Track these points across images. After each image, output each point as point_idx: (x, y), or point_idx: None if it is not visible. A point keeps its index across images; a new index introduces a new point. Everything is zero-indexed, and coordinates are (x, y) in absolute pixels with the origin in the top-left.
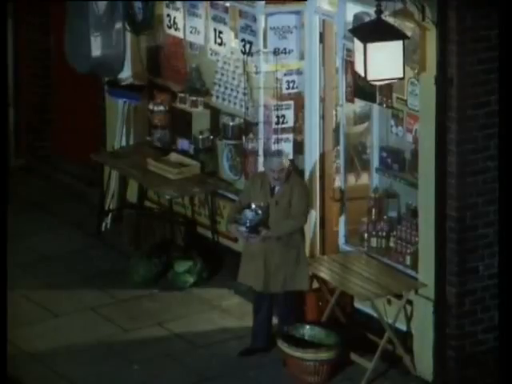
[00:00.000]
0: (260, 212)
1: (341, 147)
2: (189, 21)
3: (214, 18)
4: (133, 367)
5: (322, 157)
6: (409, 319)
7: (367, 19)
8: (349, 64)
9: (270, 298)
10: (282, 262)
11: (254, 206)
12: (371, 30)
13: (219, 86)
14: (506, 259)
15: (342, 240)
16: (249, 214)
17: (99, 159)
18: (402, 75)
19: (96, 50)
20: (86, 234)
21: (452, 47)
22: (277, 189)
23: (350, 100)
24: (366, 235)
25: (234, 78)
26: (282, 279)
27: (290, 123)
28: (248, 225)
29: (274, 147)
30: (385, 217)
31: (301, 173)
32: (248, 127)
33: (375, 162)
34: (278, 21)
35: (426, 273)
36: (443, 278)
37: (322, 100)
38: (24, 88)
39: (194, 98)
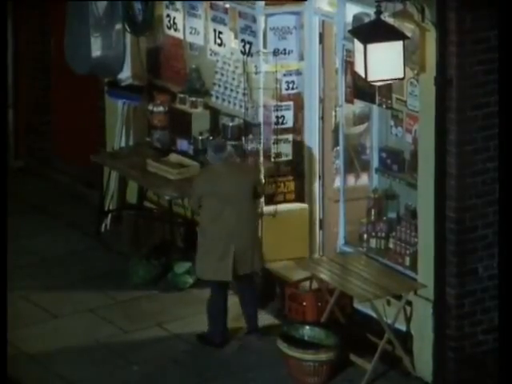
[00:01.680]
0: None
1: (340, 148)
2: (188, 21)
3: (214, 19)
4: (132, 368)
5: (322, 157)
6: (408, 320)
7: (367, 20)
8: (348, 65)
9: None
10: None
11: None
12: (371, 31)
13: (219, 86)
14: (506, 260)
15: (341, 241)
16: None
17: (99, 160)
18: (402, 75)
19: (96, 51)
20: (86, 235)
21: (451, 48)
22: None
23: (349, 101)
24: (365, 236)
25: (233, 79)
26: None
27: (290, 124)
28: None
29: (273, 148)
30: (384, 218)
31: (300, 173)
32: (248, 128)
33: (375, 163)
34: (278, 21)
35: (426, 274)
36: (443, 279)
37: (322, 101)
38: (24, 89)
39: (194, 99)
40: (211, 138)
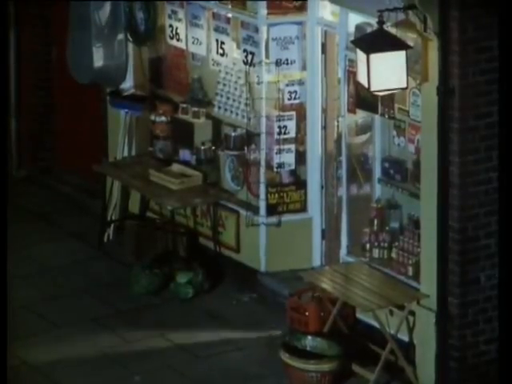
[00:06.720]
0: None
1: (343, 158)
2: (191, 31)
3: (216, 29)
4: (134, 378)
5: (324, 167)
6: (411, 330)
7: (369, 30)
8: (351, 75)
9: None
10: None
11: None
12: (373, 41)
13: (221, 96)
14: (507, 270)
15: (344, 251)
16: None
17: (101, 170)
18: (405, 85)
19: (98, 61)
20: (88, 245)
21: (454, 58)
22: None
23: (351, 111)
24: (368, 246)
25: (236, 89)
26: None
27: (292, 134)
28: None
29: (276, 158)
30: (387, 227)
31: (303, 183)
32: (250, 138)
33: (377, 173)
34: (280, 31)
35: (428, 283)
36: (445, 289)
37: (324, 111)
38: (26, 99)
39: (196, 109)
40: (213, 148)
